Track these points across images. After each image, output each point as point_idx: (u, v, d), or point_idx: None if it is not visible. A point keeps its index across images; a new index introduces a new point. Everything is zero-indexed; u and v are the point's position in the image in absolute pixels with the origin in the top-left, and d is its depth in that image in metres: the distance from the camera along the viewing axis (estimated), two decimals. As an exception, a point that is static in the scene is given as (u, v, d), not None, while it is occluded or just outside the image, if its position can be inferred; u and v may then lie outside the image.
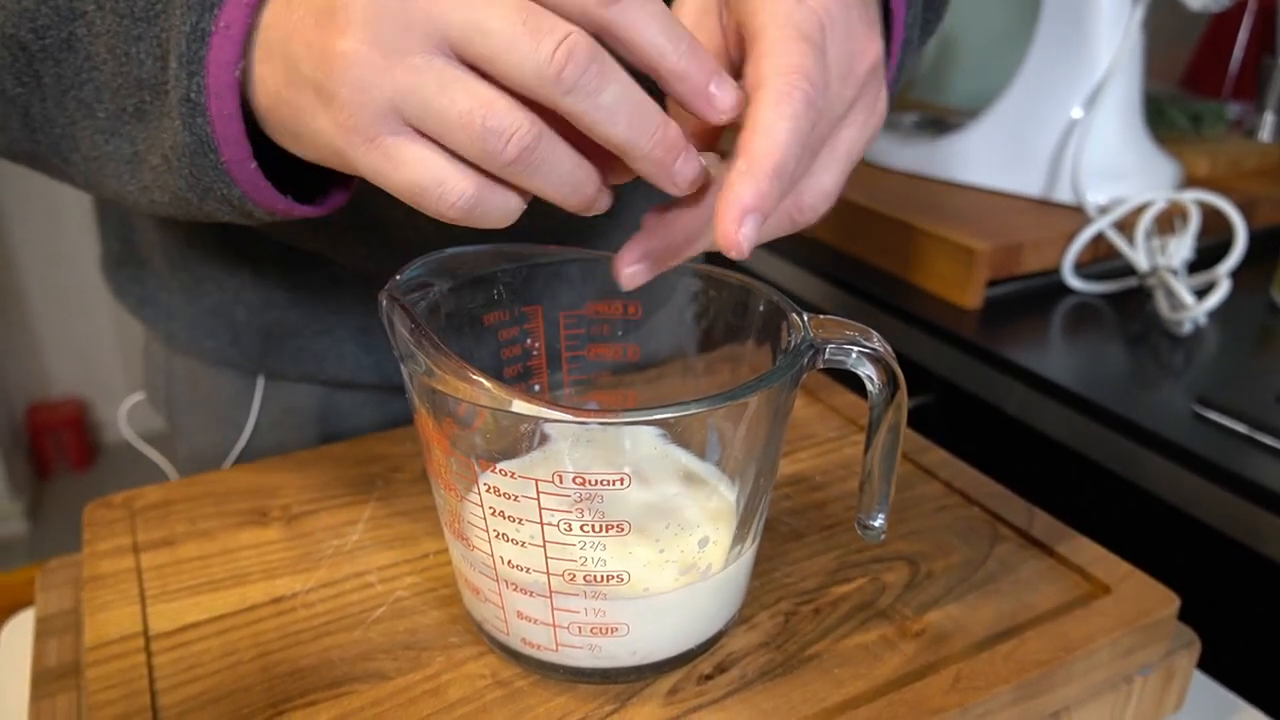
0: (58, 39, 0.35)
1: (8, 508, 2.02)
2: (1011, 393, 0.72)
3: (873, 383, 0.35)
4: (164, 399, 0.65)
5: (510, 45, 0.27)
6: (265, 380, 0.61)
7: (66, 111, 0.36)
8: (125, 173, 0.36)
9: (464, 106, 0.28)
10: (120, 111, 0.35)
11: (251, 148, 0.33)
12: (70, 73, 0.35)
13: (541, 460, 0.34)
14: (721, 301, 0.40)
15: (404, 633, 0.39)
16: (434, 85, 0.28)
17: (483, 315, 0.40)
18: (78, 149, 0.37)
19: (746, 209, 0.29)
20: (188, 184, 0.34)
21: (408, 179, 0.29)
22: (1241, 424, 0.62)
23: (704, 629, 0.37)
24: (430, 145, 0.29)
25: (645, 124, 0.29)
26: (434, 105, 0.28)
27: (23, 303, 2.17)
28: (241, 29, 0.31)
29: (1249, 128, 1.10)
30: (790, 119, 0.29)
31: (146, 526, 0.45)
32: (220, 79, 0.32)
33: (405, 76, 0.28)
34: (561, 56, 0.27)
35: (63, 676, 0.41)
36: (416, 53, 0.28)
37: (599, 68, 0.28)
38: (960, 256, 0.80)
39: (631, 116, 0.29)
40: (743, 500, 0.37)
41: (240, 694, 0.36)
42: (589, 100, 0.28)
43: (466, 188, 0.29)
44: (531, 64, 0.27)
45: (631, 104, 0.29)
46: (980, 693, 0.36)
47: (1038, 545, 0.44)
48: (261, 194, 0.35)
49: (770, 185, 0.29)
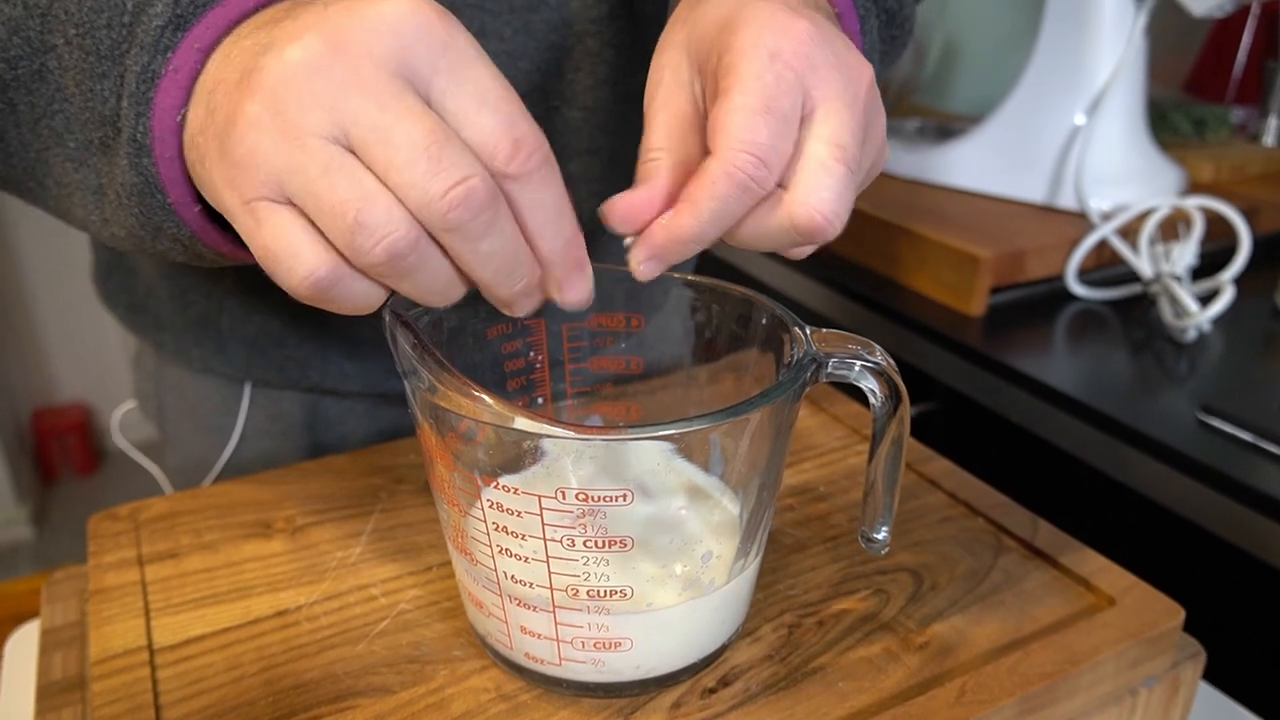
0: (30, 70, 0.35)
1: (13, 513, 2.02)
2: (1015, 400, 0.72)
3: (875, 396, 0.35)
4: (155, 407, 0.65)
5: (408, 165, 0.27)
6: (252, 388, 0.61)
7: (40, 138, 0.37)
8: (90, 203, 0.37)
9: (342, 195, 0.28)
10: (88, 143, 0.35)
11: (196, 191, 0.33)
12: (43, 102, 0.36)
13: (544, 475, 0.34)
14: (724, 313, 0.40)
15: (408, 646, 0.39)
16: (318, 167, 0.28)
17: (485, 329, 0.40)
18: (50, 174, 0.37)
19: (653, 256, 0.33)
20: (138, 222, 0.35)
21: (262, 243, 0.29)
22: (1246, 432, 0.62)
23: (707, 643, 0.37)
24: (300, 219, 0.29)
25: (511, 275, 0.30)
26: (314, 186, 0.28)
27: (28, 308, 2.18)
28: (189, 74, 0.31)
29: (1253, 133, 1.10)
30: (718, 200, 0.31)
31: (151, 539, 0.45)
32: (164, 123, 0.32)
33: (295, 154, 0.28)
34: (455, 197, 0.27)
35: (68, 690, 0.41)
36: (313, 134, 0.28)
37: (488, 218, 0.28)
38: (964, 263, 0.80)
39: (501, 266, 0.30)
40: (746, 514, 0.37)
41: (244, 708, 0.36)
42: (467, 243, 0.29)
43: (318, 267, 0.29)
44: (421, 192, 0.27)
45: (504, 256, 0.30)
46: (985, 706, 0.36)
47: (1042, 556, 0.44)
48: (208, 236, 0.35)
49: (679, 246, 0.32)
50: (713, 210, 0.31)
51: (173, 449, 0.65)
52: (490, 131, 0.28)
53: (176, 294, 0.59)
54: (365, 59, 0.27)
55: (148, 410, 0.66)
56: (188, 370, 0.61)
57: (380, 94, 0.27)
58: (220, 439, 0.62)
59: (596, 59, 0.51)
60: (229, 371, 0.60)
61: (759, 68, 0.31)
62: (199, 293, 0.58)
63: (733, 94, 0.31)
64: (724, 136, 0.30)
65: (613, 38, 0.51)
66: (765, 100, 0.30)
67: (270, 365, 0.59)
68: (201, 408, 0.62)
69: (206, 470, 0.63)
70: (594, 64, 0.51)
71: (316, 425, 0.62)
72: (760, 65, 0.31)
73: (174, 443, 0.65)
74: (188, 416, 0.63)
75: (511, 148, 0.28)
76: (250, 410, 0.61)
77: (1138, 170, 0.89)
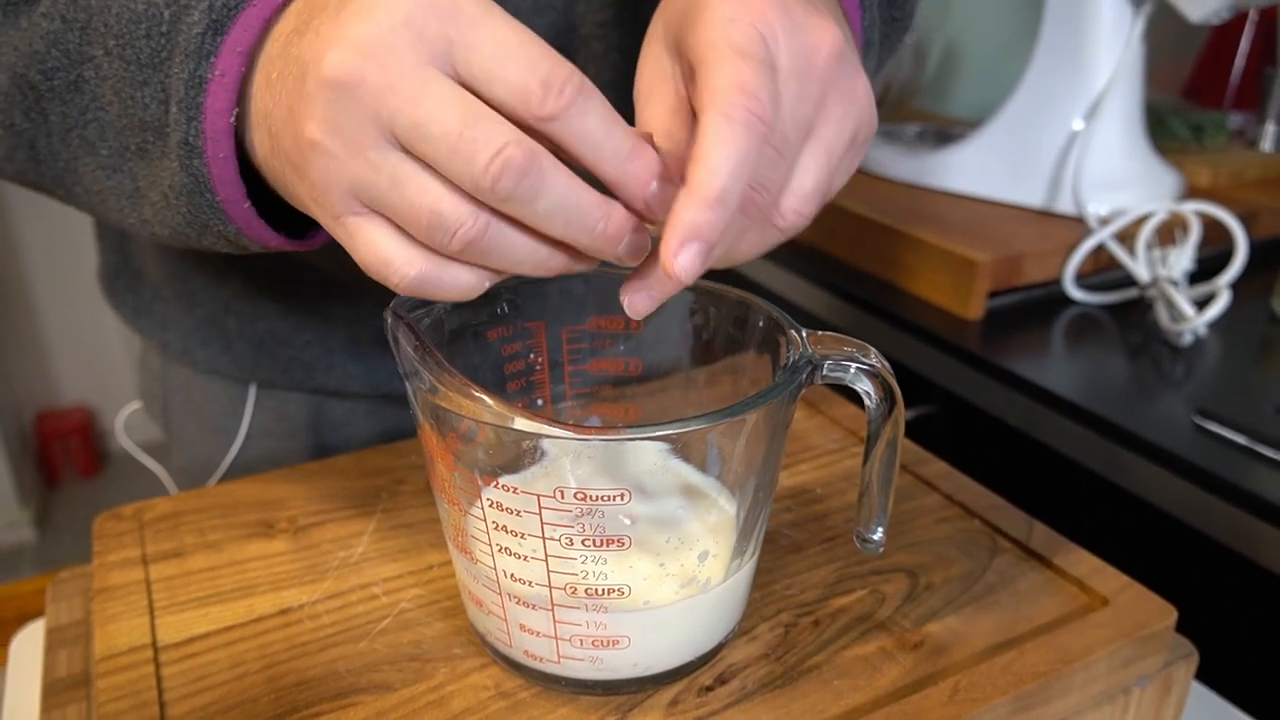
0: (66, 80, 0.36)
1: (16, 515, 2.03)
2: (1012, 403, 0.72)
3: (870, 398, 0.36)
4: (160, 408, 0.66)
5: (450, 155, 0.28)
6: (257, 389, 0.62)
7: (70, 147, 0.38)
8: (126, 206, 0.38)
9: (412, 201, 0.29)
10: (123, 150, 0.36)
11: (245, 187, 0.34)
12: (76, 112, 0.37)
13: (543, 475, 0.34)
14: (721, 316, 0.41)
15: (409, 644, 0.39)
16: (386, 180, 0.29)
17: (486, 331, 0.40)
18: (80, 182, 0.38)
19: (686, 238, 0.29)
20: (185, 221, 0.36)
21: (361, 256, 0.31)
22: (1241, 435, 0.62)
23: (704, 641, 0.37)
24: (386, 226, 0.30)
25: (583, 222, 0.30)
26: (387, 199, 0.29)
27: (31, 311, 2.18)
28: (235, 76, 0.33)
29: (1250, 138, 1.10)
30: (729, 143, 0.29)
31: (156, 538, 0.45)
32: (216, 124, 0.33)
33: (361, 170, 0.29)
34: (496, 169, 0.28)
35: (73, 687, 0.41)
36: (371, 147, 0.29)
37: (534, 179, 0.28)
38: (961, 267, 0.81)
39: (569, 218, 0.30)
40: (743, 513, 0.37)
41: (247, 705, 0.36)
42: (526, 207, 0.29)
43: (411, 269, 0.30)
44: (468, 175, 0.28)
45: (567, 207, 0.29)
46: (978, 704, 0.36)
47: (1036, 557, 0.44)
48: (255, 231, 0.36)
49: (711, 213, 0.29)
50: (728, 156, 0.29)
51: (178, 449, 0.66)
52: (517, 81, 0.29)
53: (183, 295, 0.59)
54: (389, 57, 0.28)
55: (153, 411, 0.67)
56: (193, 371, 0.62)
57: (410, 88, 0.28)
58: (225, 439, 0.62)
59: (602, 62, 0.51)
60: (234, 372, 0.61)
61: (721, 33, 0.30)
62: (205, 294, 0.59)
63: (707, 62, 0.30)
64: (709, 95, 0.30)
65: (618, 41, 0.51)
66: (738, 48, 0.30)
67: (276, 366, 0.60)
68: (207, 408, 0.63)
69: (211, 470, 0.63)
70: (599, 67, 0.51)
71: (321, 426, 0.62)
72: (722, 30, 0.31)
73: (179, 443, 0.65)
74: (193, 417, 0.64)
75: (541, 90, 0.28)
76: (255, 411, 0.62)
77: (1135, 175, 0.90)
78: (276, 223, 0.37)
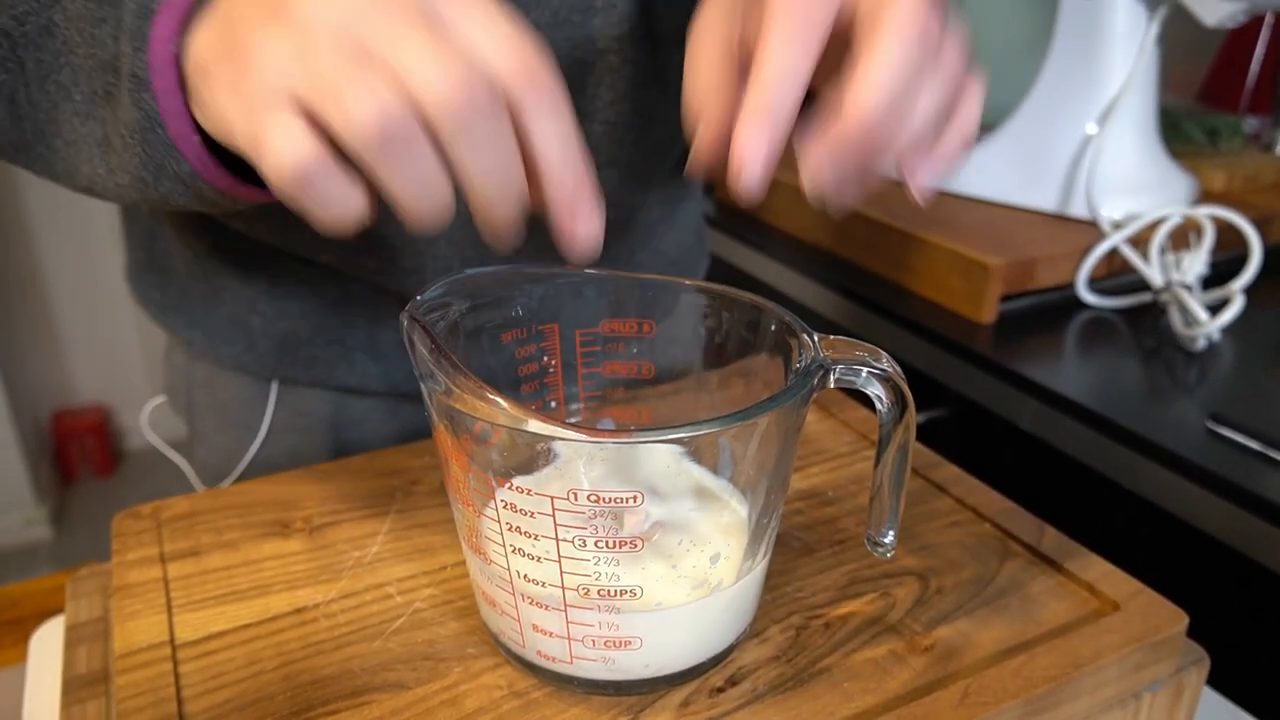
0: (37, 25, 0.37)
1: (33, 513, 2.05)
2: (1025, 407, 0.72)
3: (882, 402, 0.36)
4: (184, 403, 0.67)
5: (418, 60, 0.28)
6: (279, 386, 0.62)
7: (49, 96, 0.38)
8: (96, 155, 0.38)
9: (346, 70, 0.28)
10: (93, 94, 0.37)
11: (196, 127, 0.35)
12: (50, 58, 0.37)
13: (557, 476, 0.34)
14: (734, 320, 0.41)
15: (423, 644, 0.39)
16: (331, 55, 0.29)
17: (500, 333, 0.41)
18: (60, 134, 0.39)
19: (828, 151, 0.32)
20: (141, 162, 0.36)
21: (251, 134, 0.30)
22: (1255, 441, 0.62)
23: (716, 643, 0.37)
24: (299, 118, 0.29)
25: (507, 196, 0.31)
26: (319, 65, 0.29)
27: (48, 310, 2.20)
28: (183, 6, 0.33)
29: (1266, 142, 1.09)
30: (788, 37, 0.31)
31: (173, 537, 0.46)
32: (160, 55, 0.33)
33: (310, 56, 0.29)
34: (457, 86, 0.28)
35: (92, 684, 0.42)
36: (330, 41, 0.29)
37: (490, 127, 0.29)
38: (974, 271, 0.81)
39: (499, 183, 0.31)
40: (754, 516, 0.37)
41: (264, 702, 0.37)
42: (469, 152, 0.30)
43: (306, 154, 0.29)
44: (424, 80, 0.28)
45: (502, 173, 0.30)
46: (988, 708, 0.36)
47: (1047, 562, 0.44)
48: (209, 171, 0.36)
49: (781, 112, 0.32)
50: (792, 41, 0.31)
51: (200, 444, 0.67)
52: (501, 55, 0.29)
53: (208, 294, 0.60)
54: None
55: (177, 405, 0.68)
56: (217, 367, 0.63)
57: (399, 16, 0.29)
58: (247, 435, 0.63)
59: (617, 75, 0.52)
60: (257, 369, 0.61)
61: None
62: (231, 293, 0.60)
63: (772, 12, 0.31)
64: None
65: (633, 55, 0.52)
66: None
67: (298, 364, 0.61)
68: (229, 404, 0.63)
69: (233, 465, 0.64)
70: (614, 79, 0.52)
71: (340, 423, 0.63)
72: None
73: (202, 438, 0.66)
74: (216, 412, 0.64)
75: (523, 69, 0.29)
76: (276, 407, 0.63)
77: (1149, 179, 0.89)
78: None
